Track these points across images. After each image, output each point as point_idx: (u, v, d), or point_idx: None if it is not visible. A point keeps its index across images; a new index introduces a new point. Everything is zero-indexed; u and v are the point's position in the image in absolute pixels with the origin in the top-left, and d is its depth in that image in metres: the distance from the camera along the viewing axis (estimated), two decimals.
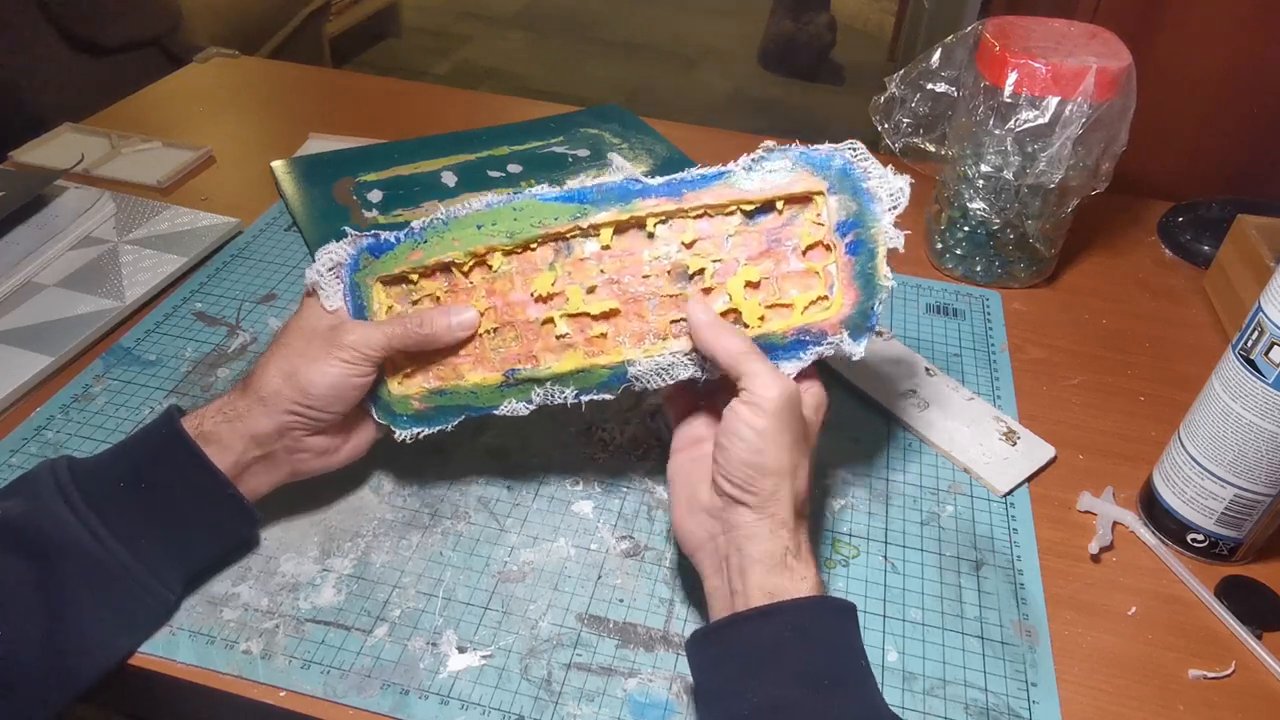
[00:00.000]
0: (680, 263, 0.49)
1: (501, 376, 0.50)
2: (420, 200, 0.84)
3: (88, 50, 1.45)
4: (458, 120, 0.97)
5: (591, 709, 0.46)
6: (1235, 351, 0.50)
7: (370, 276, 0.51)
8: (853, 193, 0.47)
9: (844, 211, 0.47)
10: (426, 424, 0.51)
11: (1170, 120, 0.89)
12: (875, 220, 0.47)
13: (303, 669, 0.47)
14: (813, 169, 0.48)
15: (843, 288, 0.47)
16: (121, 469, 0.47)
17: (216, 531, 0.50)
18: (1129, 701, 0.48)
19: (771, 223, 0.48)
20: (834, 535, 0.55)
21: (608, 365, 0.49)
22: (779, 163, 0.48)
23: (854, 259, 0.47)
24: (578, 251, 0.50)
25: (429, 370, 0.51)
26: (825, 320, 0.47)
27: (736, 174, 0.48)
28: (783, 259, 0.48)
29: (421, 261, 0.51)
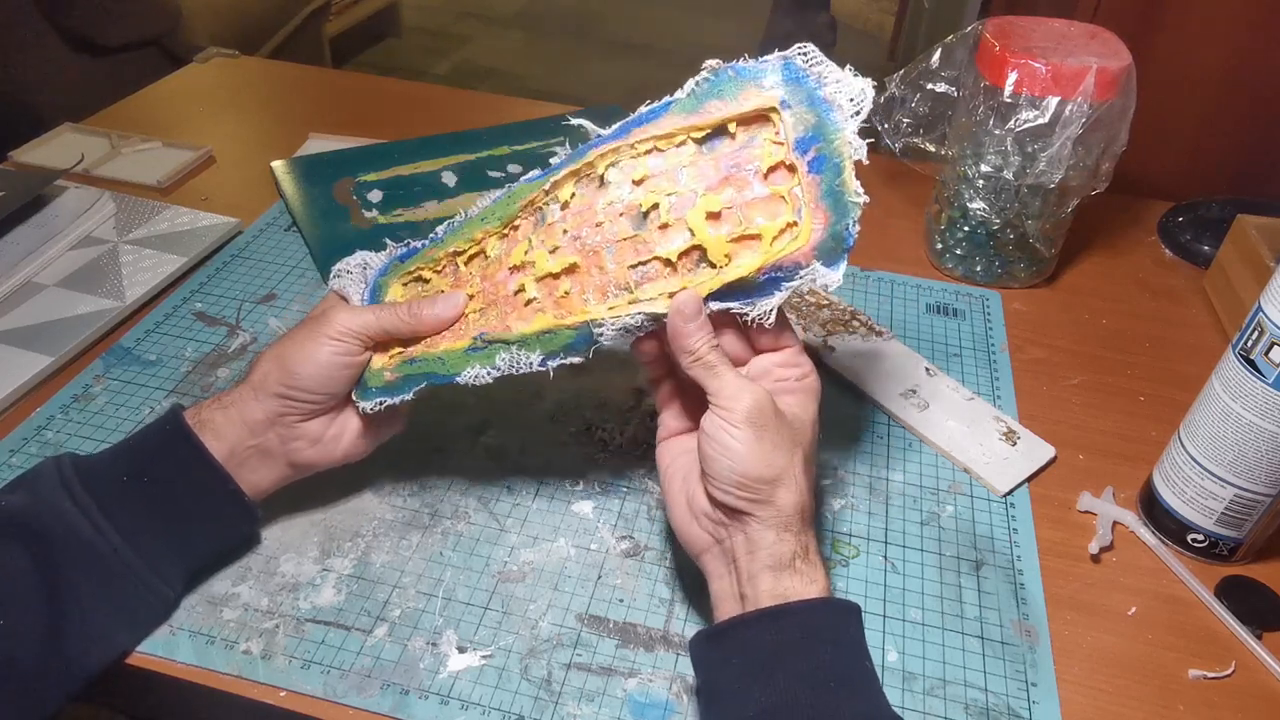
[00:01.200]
0: (633, 203, 0.46)
1: (470, 341, 0.49)
2: (420, 200, 0.84)
3: (88, 50, 1.45)
4: (458, 120, 0.97)
5: (591, 709, 0.46)
6: (1235, 351, 0.50)
7: (393, 278, 0.53)
8: (809, 103, 0.43)
9: (801, 126, 0.43)
10: (389, 393, 0.50)
11: (1170, 120, 0.89)
12: (837, 131, 0.42)
13: (303, 669, 0.47)
14: (761, 80, 0.44)
15: (810, 210, 0.43)
16: (124, 465, 0.48)
17: (217, 528, 0.50)
18: (1129, 701, 0.48)
19: (727, 148, 0.45)
20: (834, 535, 0.55)
21: (572, 326, 0.46)
22: (727, 82, 0.44)
23: (819, 177, 0.43)
24: (549, 217, 0.49)
25: (411, 346, 0.51)
26: (797, 250, 0.43)
27: (680, 100, 0.45)
28: (745, 185, 0.44)
29: (434, 258, 0.52)
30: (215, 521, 0.49)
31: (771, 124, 0.44)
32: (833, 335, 0.70)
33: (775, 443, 0.42)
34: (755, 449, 0.42)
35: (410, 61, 2.91)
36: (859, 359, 0.68)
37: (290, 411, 0.49)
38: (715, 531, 0.44)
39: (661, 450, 0.48)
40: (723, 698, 0.41)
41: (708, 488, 0.44)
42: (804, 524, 0.43)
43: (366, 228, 0.80)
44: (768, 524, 0.42)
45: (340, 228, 0.80)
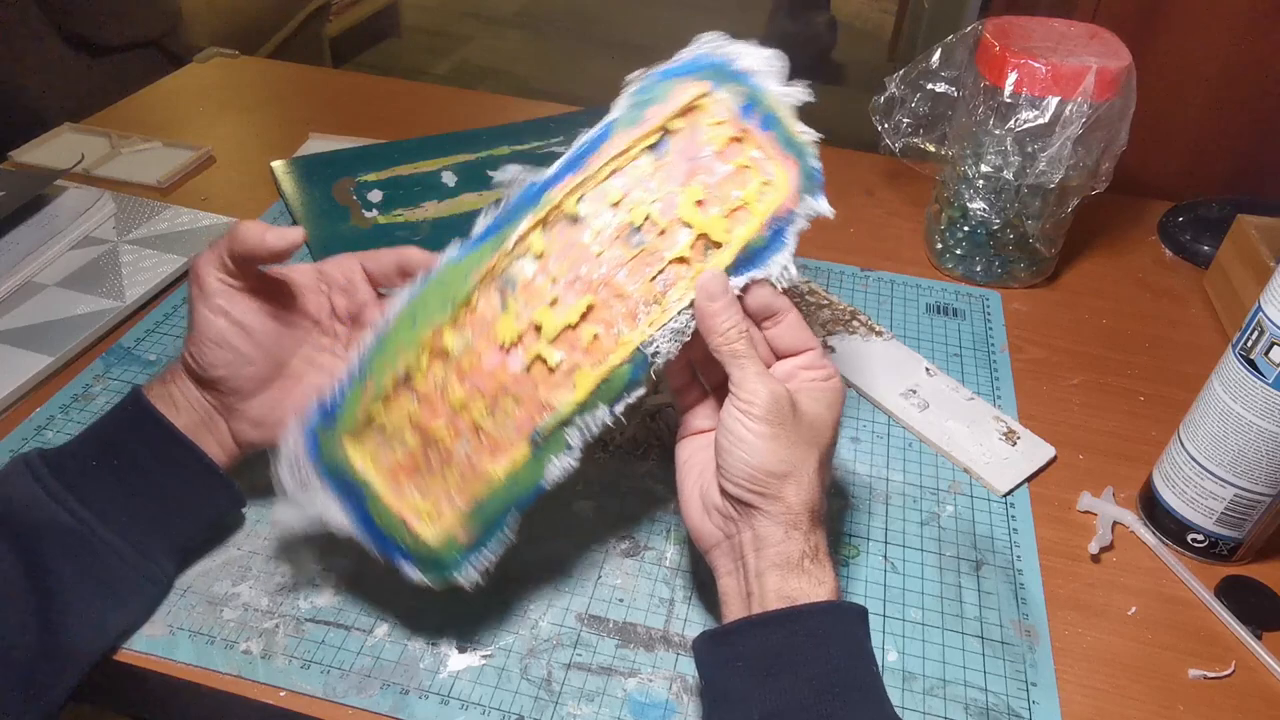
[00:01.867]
0: (623, 223, 0.46)
1: (528, 445, 0.44)
2: (420, 200, 0.84)
3: (88, 50, 1.45)
4: (458, 120, 0.97)
5: (591, 709, 0.46)
6: (1235, 351, 0.50)
7: (335, 444, 0.45)
8: (734, 78, 0.47)
9: (738, 98, 0.47)
10: (482, 547, 0.44)
11: (1170, 120, 0.89)
12: (765, 92, 0.47)
13: (303, 669, 0.47)
14: (687, 76, 0.47)
15: (778, 162, 0.46)
16: (92, 449, 0.48)
17: (194, 501, 0.50)
18: (1129, 701, 0.48)
19: (678, 144, 0.47)
20: (834, 535, 0.55)
21: (623, 361, 0.44)
22: (655, 88, 0.47)
23: (772, 133, 0.46)
24: (521, 278, 0.45)
25: (450, 494, 0.45)
26: (783, 200, 0.46)
27: (619, 117, 0.47)
28: (709, 170, 0.46)
29: (377, 393, 0.45)
30: (191, 495, 0.49)
31: (705, 111, 0.47)
32: (833, 335, 0.70)
33: (791, 440, 0.42)
34: (769, 443, 0.42)
35: (410, 61, 2.91)
36: (859, 359, 0.68)
37: (221, 394, 0.48)
38: (725, 527, 0.44)
39: (681, 446, 0.48)
40: (727, 700, 0.41)
41: (720, 480, 0.44)
42: (813, 524, 0.43)
43: (366, 228, 0.80)
44: (776, 520, 0.42)
45: (340, 228, 0.80)
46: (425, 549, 0.44)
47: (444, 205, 0.83)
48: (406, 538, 0.44)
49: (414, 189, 0.85)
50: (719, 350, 0.44)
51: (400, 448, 0.45)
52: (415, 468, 0.45)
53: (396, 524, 0.44)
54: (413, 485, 0.45)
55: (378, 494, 0.44)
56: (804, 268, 0.78)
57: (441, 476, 0.45)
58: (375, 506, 0.45)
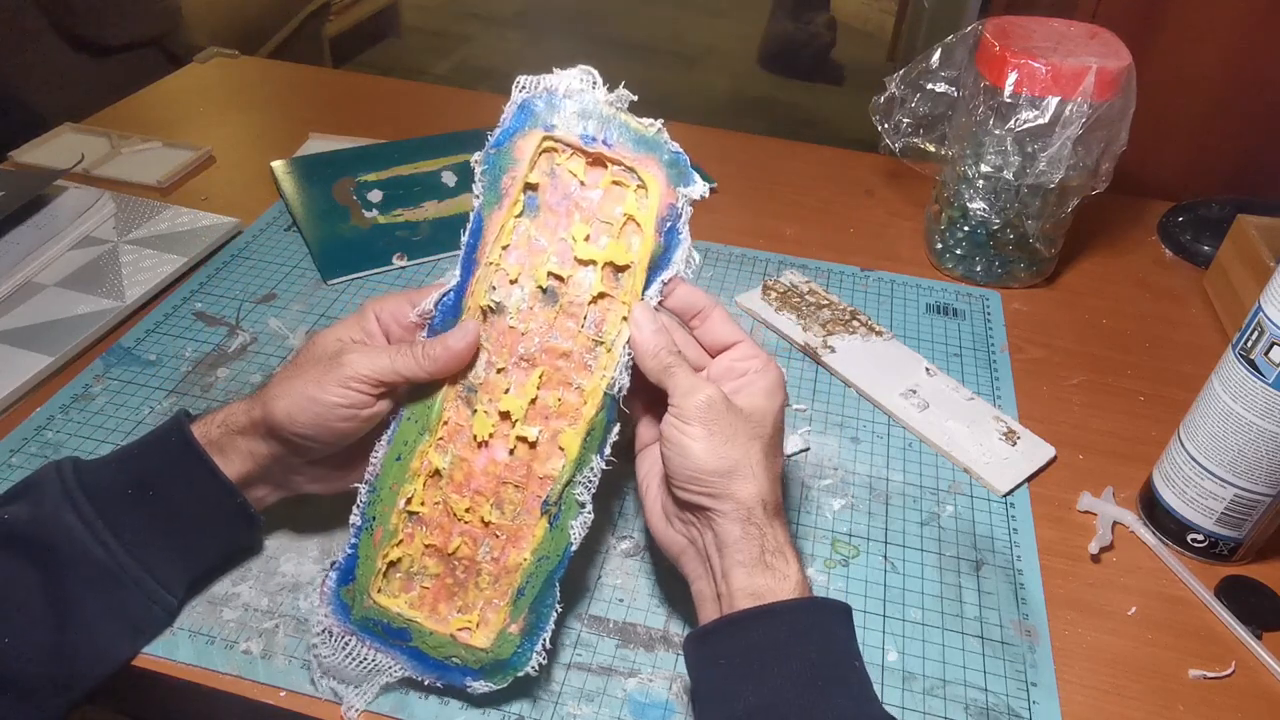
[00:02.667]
0: (532, 292, 0.47)
1: (544, 519, 0.46)
2: (420, 200, 0.84)
3: (88, 50, 1.44)
4: (458, 120, 0.97)
5: (591, 709, 0.46)
6: (1235, 351, 0.50)
7: (366, 601, 0.46)
8: (559, 110, 0.47)
9: (573, 126, 0.47)
10: (538, 632, 0.45)
11: (1170, 120, 0.89)
12: (595, 104, 0.47)
13: (303, 669, 0.47)
14: (518, 134, 0.47)
15: (639, 165, 0.47)
16: (129, 475, 0.47)
17: (222, 538, 0.50)
18: (1129, 701, 0.48)
19: (545, 196, 0.48)
20: (834, 535, 0.55)
21: (596, 408, 0.46)
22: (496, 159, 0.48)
23: (620, 142, 0.47)
24: (476, 381, 0.47)
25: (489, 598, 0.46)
26: (660, 197, 0.47)
27: (483, 201, 0.48)
28: (583, 202, 0.47)
29: (388, 539, 0.46)
30: (220, 532, 0.49)
31: (553, 153, 0.48)
32: (833, 335, 0.70)
33: (727, 436, 0.43)
34: (707, 444, 0.43)
35: (410, 61, 2.91)
36: (859, 359, 0.68)
37: (293, 454, 0.47)
38: (688, 532, 0.45)
39: (639, 460, 0.49)
40: (712, 698, 0.41)
41: (671, 487, 0.44)
42: (769, 515, 0.43)
43: (366, 228, 0.80)
44: (730, 518, 0.42)
45: (340, 228, 0.80)
46: (483, 656, 0.45)
47: (444, 205, 0.83)
48: (463, 654, 0.45)
49: (414, 189, 0.85)
50: (651, 372, 0.45)
51: (425, 579, 0.47)
52: (447, 591, 0.47)
53: (449, 645, 0.46)
54: (451, 606, 0.47)
55: (422, 627, 0.46)
56: (804, 268, 0.78)
57: (475, 586, 0.46)
58: (422, 639, 0.46)
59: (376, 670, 0.46)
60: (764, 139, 0.99)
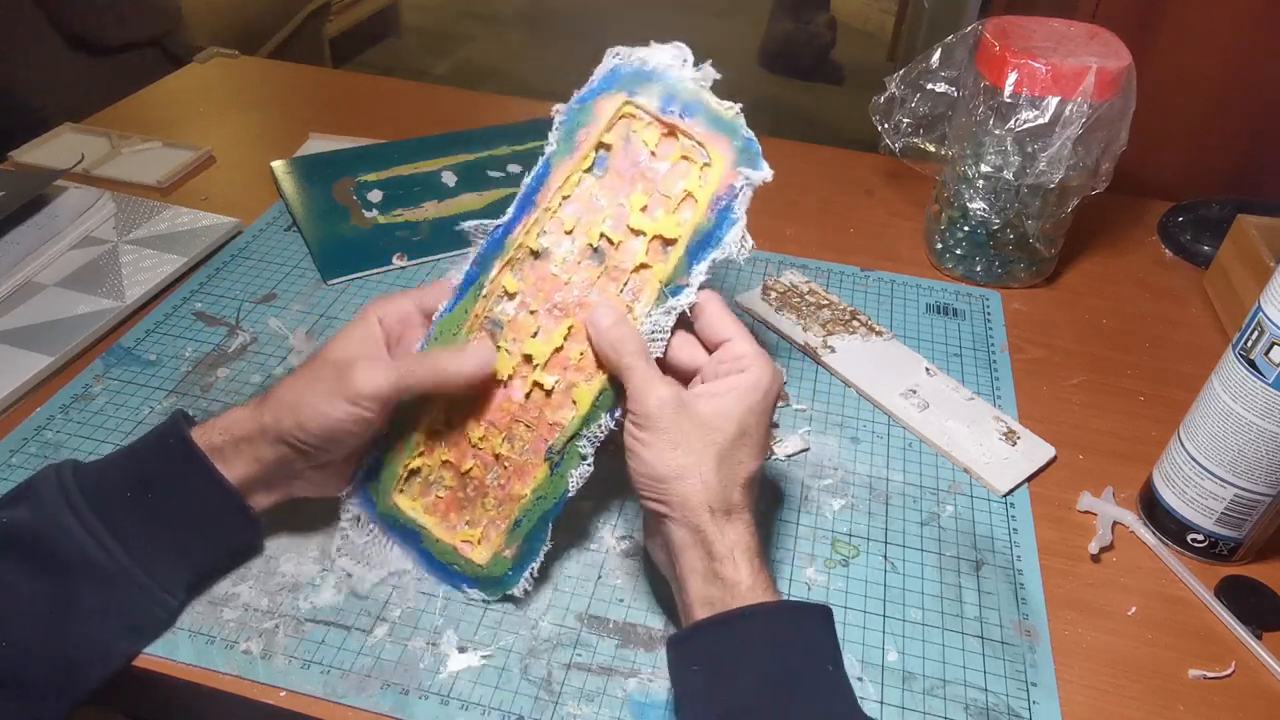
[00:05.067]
0: (582, 247, 0.49)
1: (546, 464, 0.48)
2: (420, 200, 0.84)
3: (88, 50, 1.45)
4: (458, 120, 0.97)
5: (591, 709, 0.46)
6: (1235, 351, 0.50)
7: (387, 498, 0.50)
8: (646, 80, 0.49)
9: (654, 98, 0.49)
10: (528, 560, 0.49)
11: (1170, 120, 0.89)
12: (680, 83, 0.49)
13: (303, 669, 0.47)
14: (604, 93, 0.49)
15: (710, 143, 0.48)
16: (127, 477, 0.47)
17: (222, 540, 0.50)
18: (1129, 701, 0.48)
19: (615, 158, 0.49)
20: (834, 535, 0.55)
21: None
22: (576, 113, 0.49)
23: (697, 119, 0.48)
24: (504, 318, 0.49)
25: (492, 519, 0.49)
26: (722, 177, 0.48)
27: (555, 150, 0.49)
28: (650, 172, 0.49)
29: (410, 450, 0.50)
30: (219, 534, 0.49)
31: (631, 119, 0.49)
32: (833, 335, 0.70)
33: (676, 441, 0.43)
34: (652, 450, 0.43)
35: (410, 61, 2.91)
36: (859, 359, 0.68)
37: (299, 460, 0.48)
38: (658, 542, 0.46)
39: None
40: (687, 703, 0.41)
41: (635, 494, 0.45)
42: (719, 521, 0.42)
43: (366, 228, 0.80)
44: (678, 523, 0.43)
45: (340, 228, 0.80)
46: (479, 570, 0.50)
47: (444, 205, 0.83)
48: (462, 564, 0.50)
49: (414, 189, 0.85)
50: (608, 363, 0.46)
51: (441, 488, 0.51)
52: (459, 503, 0.51)
53: (451, 554, 0.50)
54: (460, 517, 0.51)
55: (431, 532, 0.50)
56: (804, 268, 0.78)
57: (481, 505, 0.50)
58: (431, 543, 0.50)
59: (388, 559, 0.50)
60: (764, 139, 0.98)
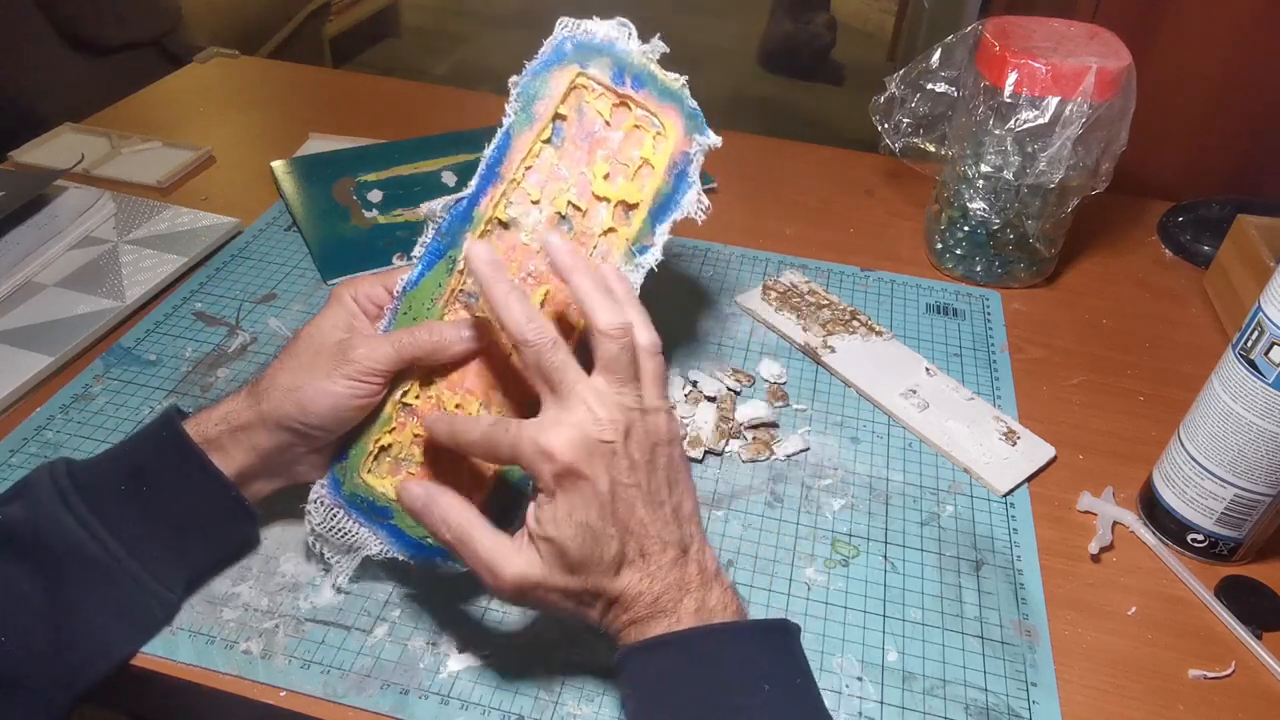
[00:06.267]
0: (550, 216, 0.51)
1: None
2: (420, 200, 0.83)
3: (88, 50, 1.44)
4: (458, 120, 0.97)
5: (591, 709, 0.46)
6: (1235, 351, 0.50)
7: (354, 477, 0.49)
8: (596, 52, 0.51)
9: (607, 69, 0.51)
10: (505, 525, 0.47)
11: (1170, 120, 0.89)
12: (627, 55, 0.52)
13: (303, 669, 0.47)
14: (556, 65, 0.51)
15: (661, 113, 0.51)
16: (121, 472, 0.47)
17: (218, 533, 0.50)
18: (1129, 701, 0.48)
19: (571, 129, 0.51)
20: (834, 535, 0.55)
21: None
22: (531, 85, 0.51)
23: (646, 90, 0.51)
24: (477, 289, 0.49)
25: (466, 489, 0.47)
26: (675, 144, 0.51)
27: (514, 121, 0.51)
28: (605, 141, 0.51)
29: (382, 426, 0.49)
30: (217, 528, 0.49)
31: (584, 90, 0.51)
32: (833, 335, 0.70)
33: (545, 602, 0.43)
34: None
35: (410, 61, 2.91)
36: (859, 359, 0.68)
37: (300, 444, 0.48)
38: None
39: None
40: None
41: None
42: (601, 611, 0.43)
43: (366, 228, 0.80)
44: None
45: (340, 228, 0.80)
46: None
47: None
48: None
49: (414, 189, 0.85)
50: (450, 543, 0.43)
51: (412, 464, 0.49)
52: (431, 478, 0.49)
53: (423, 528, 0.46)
54: None
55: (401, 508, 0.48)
56: (804, 268, 0.78)
57: (455, 476, 0.48)
58: (402, 518, 0.48)
59: (358, 543, 0.48)
60: (764, 139, 0.99)
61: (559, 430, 0.40)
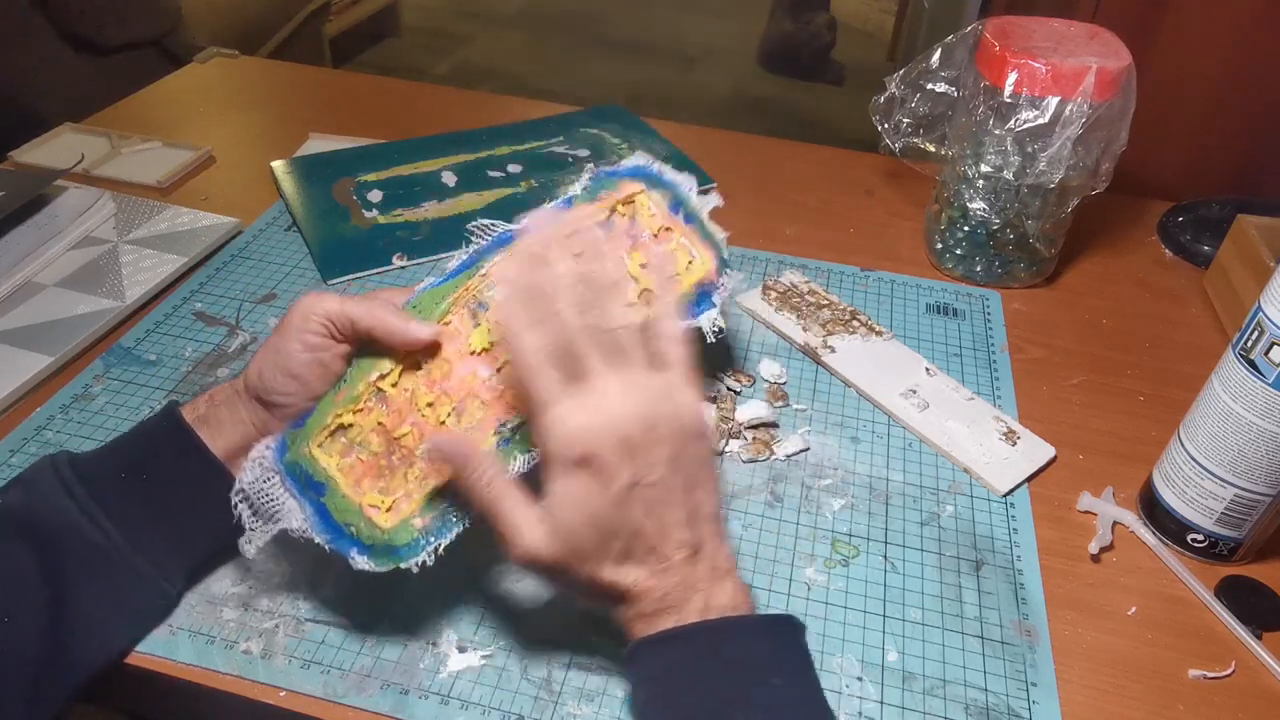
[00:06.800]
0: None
1: (494, 436, 0.46)
2: (420, 200, 0.84)
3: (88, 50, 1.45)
4: (458, 120, 0.97)
5: (591, 709, 0.46)
6: (1235, 351, 0.50)
7: (304, 446, 0.47)
8: (662, 185, 0.57)
9: (665, 199, 0.56)
10: (438, 535, 0.46)
11: (1170, 120, 0.89)
12: (688, 198, 0.57)
13: (303, 669, 0.47)
14: (629, 177, 0.56)
15: (701, 249, 0.56)
16: (122, 460, 0.48)
17: (216, 522, 0.49)
18: (1129, 701, 0.48)
19: (621, 225, 0.55)
20: (834, 535, 0.55)
21: None
22: (604, 180, 0.56)
23: (694, 226, 0.57)
24: (488, 298, 0.49)
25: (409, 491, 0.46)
26: (706, 273, 0.56)
27: (579, 195, 0.55)
28: (648, 247, 0.54)
29: (349, 398, 0.47)
30: (214, 516, 0.49)
31: (642, 205, 0.56)
32: (833, 335, 0.70)
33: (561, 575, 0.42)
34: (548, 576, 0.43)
35: (410, 61, 2.91)
36: (859, 359, 0.68)
37: (274, 415, 0.48)
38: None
39: None
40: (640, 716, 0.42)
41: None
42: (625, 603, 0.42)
43: (366, 228, 0.80)
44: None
45: (340, 228, 0.80)
46: (380, 536, 0.45)
47: (444, 205, 0.83)
48: (362, 526, 0.45)
49: (414, 189, 0.85)
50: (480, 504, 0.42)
51: (365, 452, 0.48)
52: (377, 470, 0.47)
53: (354, 514, 0.46)
54: (374, 485, 0.47)
55: (339, 488, 0.46)
56: (804, 268, 0.78)
57: (403, 476, 0.47)
58: (334, 500, 0.46)
59: (280, 514, 0.46)
60: (764, 139, 0.99)
61: (585, 416, 0.39)
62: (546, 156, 0.91)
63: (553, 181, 0.87)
